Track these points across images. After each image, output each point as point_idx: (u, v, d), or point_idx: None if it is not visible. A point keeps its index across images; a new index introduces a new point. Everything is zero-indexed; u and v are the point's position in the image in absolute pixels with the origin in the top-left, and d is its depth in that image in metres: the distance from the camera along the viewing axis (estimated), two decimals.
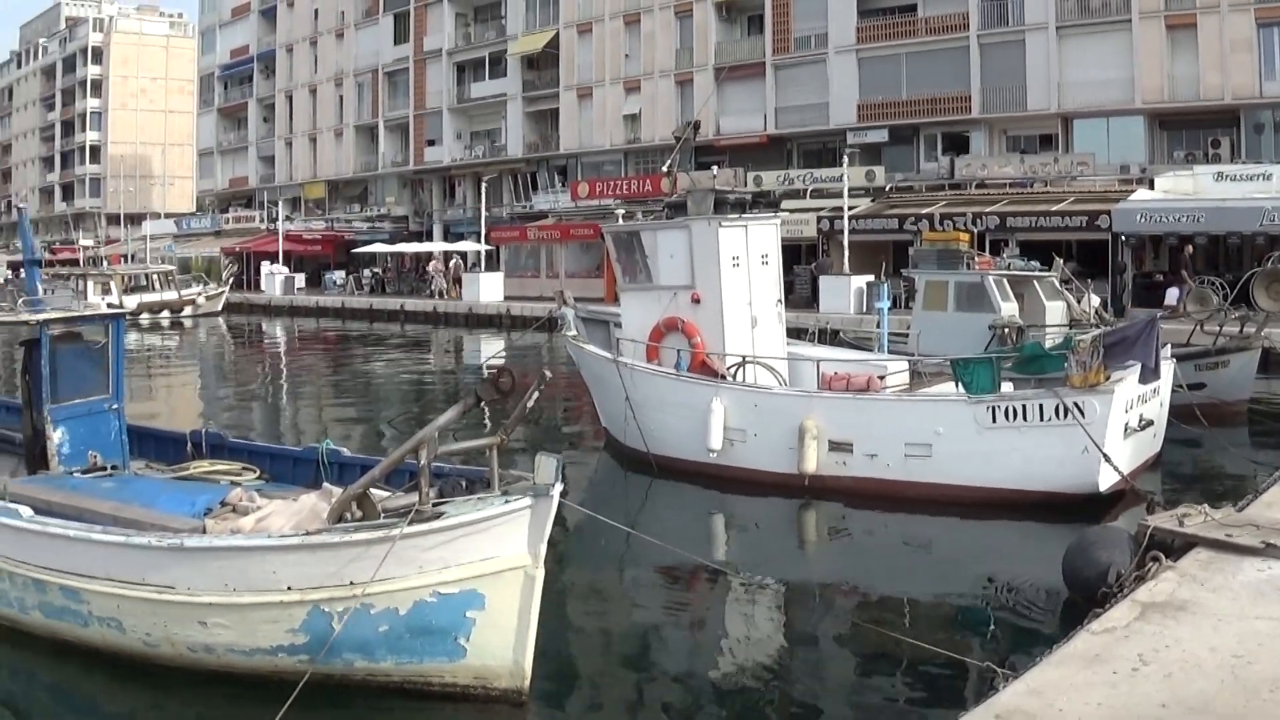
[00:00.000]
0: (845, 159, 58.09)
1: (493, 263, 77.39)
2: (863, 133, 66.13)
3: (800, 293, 55.30)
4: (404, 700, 11.88)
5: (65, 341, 17.23)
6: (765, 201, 58.35)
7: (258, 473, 16.86)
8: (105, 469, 16.72)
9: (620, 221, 27.73)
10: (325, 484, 14.84)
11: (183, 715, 12.44)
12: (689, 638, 15.03)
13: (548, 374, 11.68)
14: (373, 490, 11.74)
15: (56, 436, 16.76)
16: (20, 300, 18.04)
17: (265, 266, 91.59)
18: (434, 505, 11.20)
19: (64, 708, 12.82)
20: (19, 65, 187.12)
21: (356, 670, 11.96)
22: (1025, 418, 19.94)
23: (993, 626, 14.77)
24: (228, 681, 12.38)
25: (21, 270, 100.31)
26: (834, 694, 12.78)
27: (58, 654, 13.53)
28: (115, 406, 17.52)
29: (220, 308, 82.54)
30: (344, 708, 11.75)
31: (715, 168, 38.31)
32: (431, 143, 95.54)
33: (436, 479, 11.91)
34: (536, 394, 11.31)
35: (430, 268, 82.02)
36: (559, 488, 11.28)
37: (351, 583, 11.42)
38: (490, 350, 54.25)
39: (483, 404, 11.28)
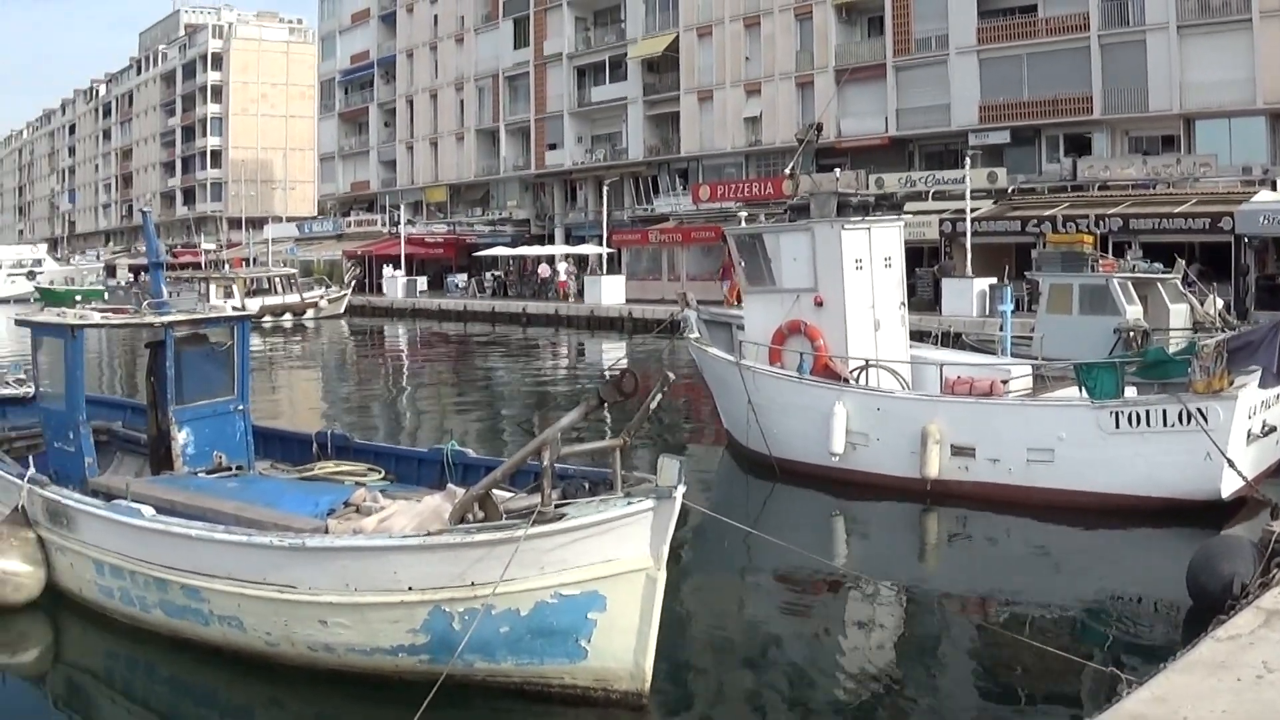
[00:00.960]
0: (967, 160, 58.12)
1: (614, 266, 78.70)
2: (984, 134, 66.22)
3: (922, 295, 55.52)
4: (523, 701, 12.06)
5: (190, 344, 17.64)
6: (888, 204, 58.53)
7: (383, 473, 17.14)
8: (230, 469, 17.17)
9: (743, 224, 27.90)
10: (449, 485, 14.90)
11: (302, 714, 12.77)
12: (810, 641, 15.09)
13: (671, 376, 11.65)
14: (495, 491, 11.98)
15: (181, 437, 17.17)
16: (145, 302, 18.29)
17: (387, 271, 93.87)
18: (556, 507, 11.33)
19: (184, 704, 13.21)
20: (139, 71, 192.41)
21: (477, 671, 12.05)
22: (1148, 423, 20.02)
23: (1116, 633, 14.89)
24: (347, 681, 12.69)
25: (144, 273, 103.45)
26: (955, 697, 12.90)
27: (178, 652, 13.87)
28: (240, 408, 17.90)
29: (342, 310, 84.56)
30: (463, 708, 11.83)
31: (838, 170, 38.85)
32: (553, 146, 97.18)
33: (560, 480, 12.03)
34: (659, 396, 11.41)
35: (540, 270, 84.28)
36: (681, 490, 11.25)
37: (473, 583, 11.56)
38: (612, 353, 55.39)
39: (605, 405, 11.30)
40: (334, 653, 12.62)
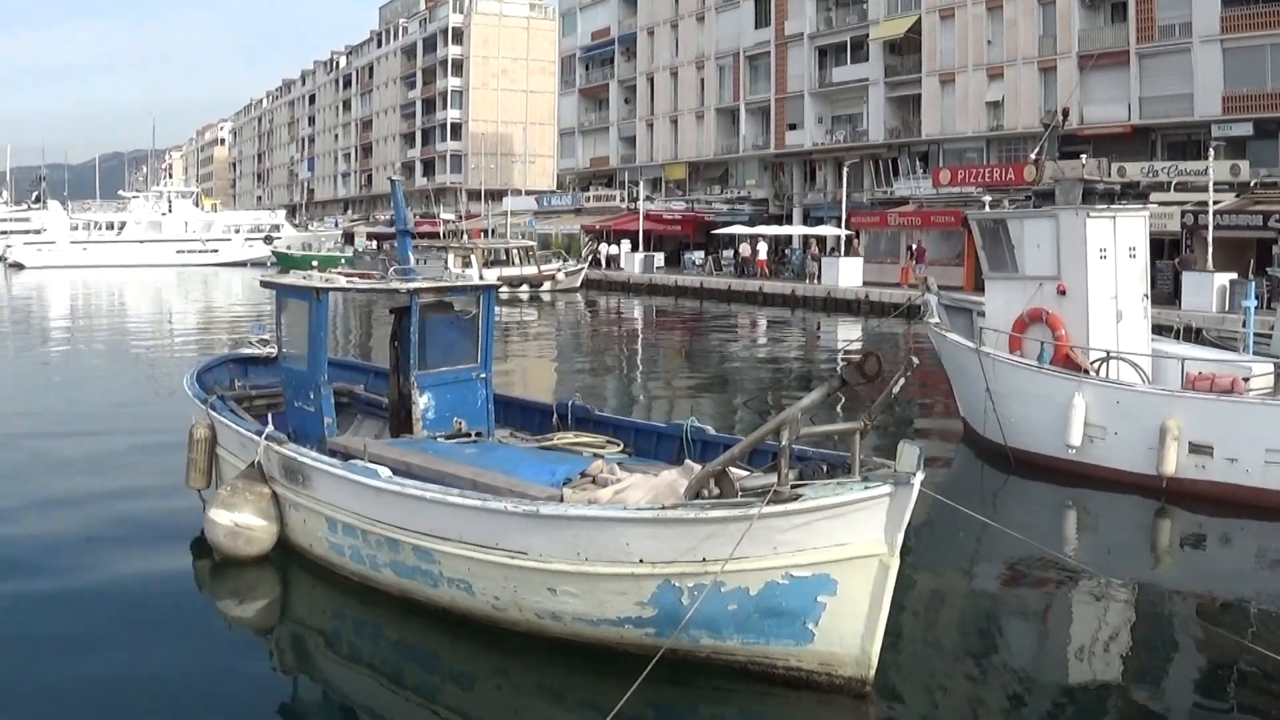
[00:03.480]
0: (1210, 152, 58.21)
1: (852, 248, 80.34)
2: (1227, 125, 66.29)
3: (1162, 288, 54.78)
4: (746, 680, 12.17)
5: (435, 311, 18.12)
6: (1134, 193, 56.92)
7: (621, 446, 17.13)
8: (469, 436, 17.49)
9: (987, 209, 27.78)
10: (687, 461, 14.90)
11: (524, 680, 12.92)
12: (1036, 635, 15.17)
13: (915, 361, 11.53)
14: (732, 469, 11.98)
15: (422, 402, 17.64)
16: (391, 269, 18.85)
17: (605, 247, 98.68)
18: (792, 487, 11.31)
19: (409, 664, 13.52)
20: (379, 44, 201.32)
21: (702, 648, 12.22)
22: None
23: None
24: (569, 650, 12.99)
25: (384, 241, 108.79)
26: (1179, 699, 12.85)
27: (405, 612, 14.41)
28: (483, 375, 18.33)
29: (579, 284, 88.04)
30: (685, 684, 12.05)
31: (1083, 156, 39.98)
32: (793, 126, 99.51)
33: (798, 461, 12.08)
34: (902, 381, 11.28)
35: (741, 249, 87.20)
36: (920, 477, 11.19)
37: (704, 559, 11.70)
38: (847, 335, 56.63)
39: (846, 388, 11.24)
40: (560, 621, 12.97)
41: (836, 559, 11.53)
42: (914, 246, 74.41)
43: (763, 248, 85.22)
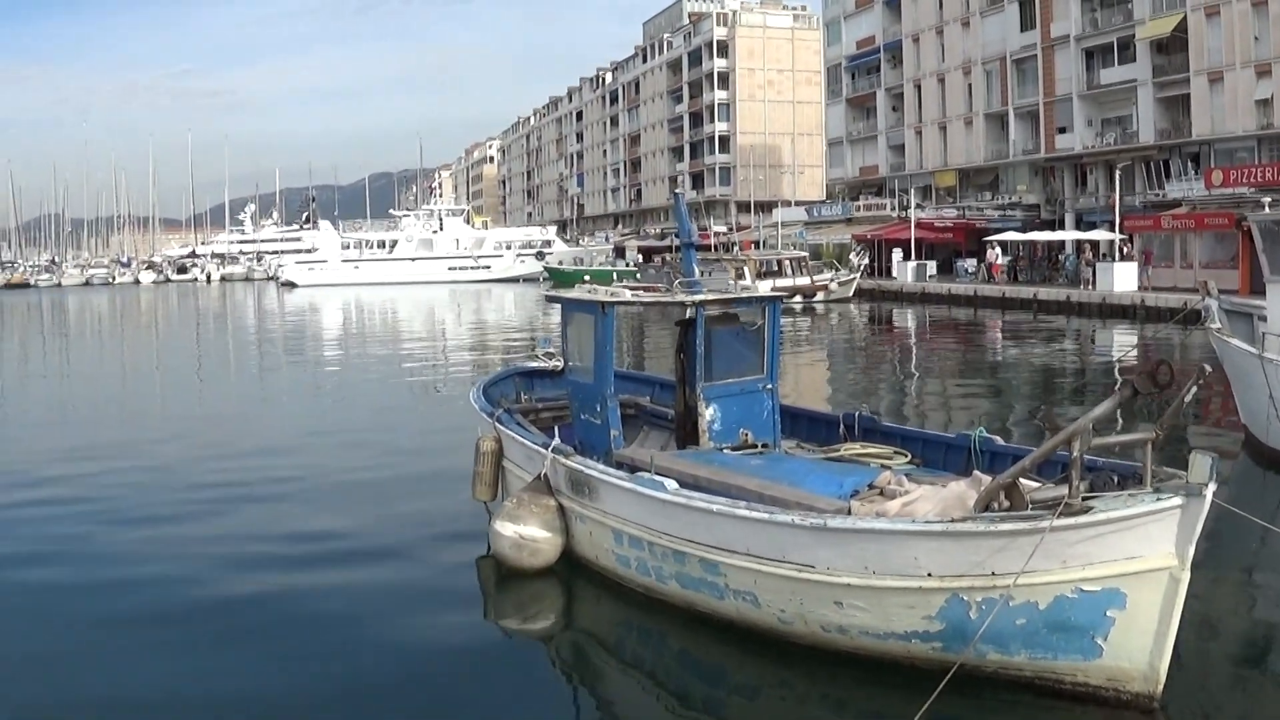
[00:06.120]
0: None
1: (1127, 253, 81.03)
2: None
3: None
4: (1030, 695, 12.07)
5: (721, 323, 18.47)
6: None
7: (908, 457, 17.09)
8: (755, 447, 17.83)
9: (1267, 210, 27.29)
10: (975, 472, 14.58)
11: (808, 693, 12.93)
12: None
13: (1207, 369, 11.52)
14: (1021, 480, 11.85)
15: (708, 414, 17.95)
16: (676, 281, 18.88)
17: (854, 253, 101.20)
18: (1083, 499, 11.18)
19: (692, 677, 13.62)
20: (644, 60, 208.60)
21: (988, 662, 12.13)
22: None
23: None
24: (853, 664, 12.98)
25: (652, 255, 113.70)
26: None
27: (690, 624, 14.50)
28: (769, 387, 18.59)
29: (852, 294, 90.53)
30: (971, 698, 11.88)
31: None
32: (1062, 130, 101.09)
33: (1088, 472, 11.81)
34: (1194, 389, 11.26)
35: (989, 257, 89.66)
36: (1213, 488, 10.90)
37: (993, 573, 11.64)
38: (1123, 342, 56.17)
39: (1138, 397, 11.10)
40: (846, 634, 13.02)
41: (1127, 572, 11.44)
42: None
43: (996, 252, 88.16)
